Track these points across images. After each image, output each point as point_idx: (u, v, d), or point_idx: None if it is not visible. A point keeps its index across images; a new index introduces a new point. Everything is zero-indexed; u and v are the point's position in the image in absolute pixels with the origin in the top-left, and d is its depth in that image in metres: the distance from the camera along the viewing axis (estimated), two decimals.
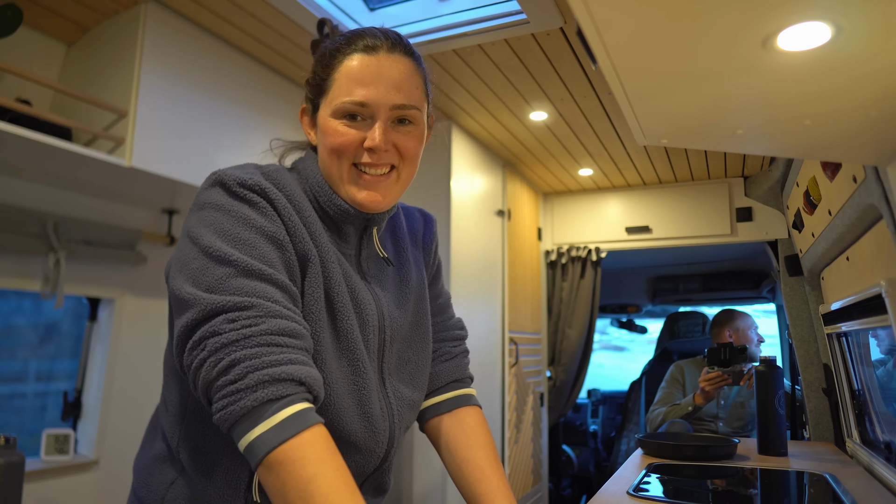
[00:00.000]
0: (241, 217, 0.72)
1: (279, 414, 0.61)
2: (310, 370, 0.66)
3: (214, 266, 0.68)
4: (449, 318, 1.03)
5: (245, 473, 0.75)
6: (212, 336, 0.64)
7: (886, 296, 1.17)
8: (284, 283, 0.70)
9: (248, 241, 0.70)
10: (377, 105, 0.78)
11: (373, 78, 0.78)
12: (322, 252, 0.78)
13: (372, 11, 1.90)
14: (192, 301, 0.65)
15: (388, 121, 0.79)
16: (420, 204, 2.62)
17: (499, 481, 0.88)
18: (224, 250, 0.68)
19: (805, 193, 1.74)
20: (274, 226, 0.73)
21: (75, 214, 1.84)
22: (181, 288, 0.67)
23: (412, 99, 0.80)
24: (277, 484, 0.60)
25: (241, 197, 0.73)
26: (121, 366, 1.96)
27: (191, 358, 0.65)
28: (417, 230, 1.00)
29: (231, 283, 0.66)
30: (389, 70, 0.79)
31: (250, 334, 0.64)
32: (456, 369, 0.99)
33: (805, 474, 1.52)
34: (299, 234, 0.76)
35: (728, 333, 2.71)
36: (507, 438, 2.71)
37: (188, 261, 0.69)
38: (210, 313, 0.65)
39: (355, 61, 0.79)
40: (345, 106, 0.78)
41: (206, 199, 0.74)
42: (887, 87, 0.73)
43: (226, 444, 0.76)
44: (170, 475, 0.78)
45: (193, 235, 0.71)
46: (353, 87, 0.78)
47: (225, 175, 0.74)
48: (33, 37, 1.76)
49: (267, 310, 0.66)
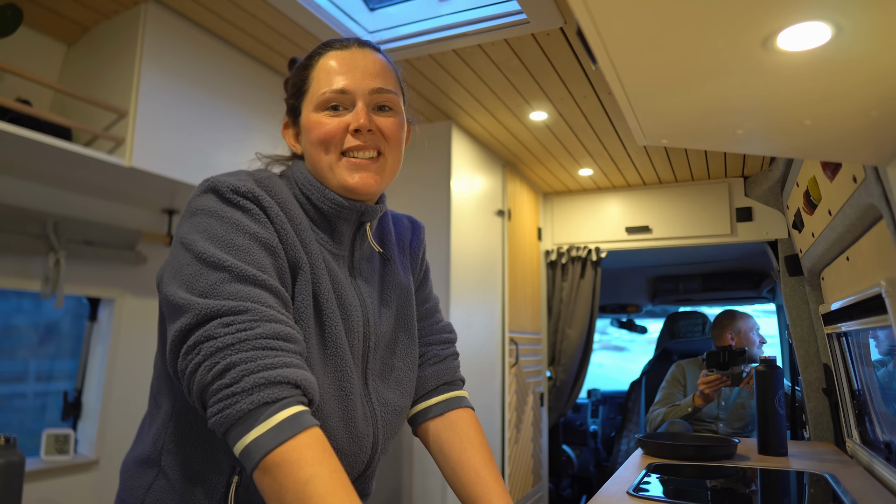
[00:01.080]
0: (235, 223, 0.72)
1: (275, 417, 0.61)
2: (305, 373, 0.66)
3: (208, 271, 0.68)
4: (437, 321, 1.03)
5: (222, 483, 0.76)
6: (206, 340, 0.64)
7: (886, 296, 1.17)
8: (277, 289, 0.71)
9: (241, 247, 0.70)
10: (356, 90, 0.82)
11: (349, 68, 0.83)
12: (312, 259, 0.79)
13: (372, 11, 1.90)
14: (187, 306, 0.65)
15: (368, 105, 0.83)
16: (420, 204, 2.60)
17: (495, 482, 0.88)
18: (218, 256, 0.68)
19: (805, 193, 1.74)
20: (267, 232, 0.74)
21: (75, 214, 1.84)
22: (175, 294, 0.67)
23: (389, 84, 0.85)
24: (274, 486, 0.60)
25: (234, 203, 0.74)
26: (121, 366, 1.96)
27: (185, 363, 0.65)
28: (405, 236, 1.00)
29: (225, 288, 0.67)
30: (363, 60, 0.84)
31: (245, 338, 0.64)
32: (445, 372, 0.99)
33: (805, 474, 1.52)
34: (290, 242, 0.76)
35: (730, 335, 2.70)
36: (507, 438, 2.71)
37: (181, 267, 0.69)
38: (204, 318, 0.65)
39: (331, 58, 0.84)
40: (325, 96, 0.81)
41: (199, 206, 0.74)
42: (888, 87, 0.73)
43: (205, 452, 0.76)
44: (148, 478, 0.79)
45: (187, 242, 0.71)
46: (331, 78, 0.82)
47: (218, 182, 0.75)
48: (33, 37, 1.76)
49: (261, 314, 0.66)
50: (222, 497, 0.75)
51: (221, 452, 0.76)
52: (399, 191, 2.50)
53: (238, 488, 0.75)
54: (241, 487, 0.76)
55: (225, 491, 0.75)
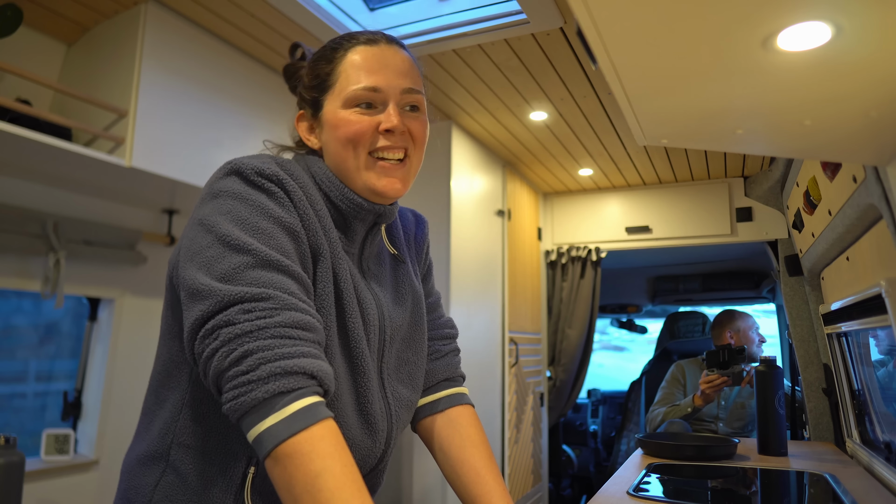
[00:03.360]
0: (259, 206, 0.71)
1: (290, 407, 0.61)
2: (321, 364, 0.66)
3: (231, 254, 0.67)
4: (439, 317, 1.02)
5: (238, 474, 0.74)
6: (225, 326, 0.63)
7: (886, 296, 1.17)
8: (300, 275, 0.70)
9: (265, 231, 0.69)
10: (389, 89, 0.80)
11: (380, 66, 0.81)
12: (332, 247, 0.78)
13: (372, 11, 1.90)
14: (207, 292, 0.64)
15: (399, 105, 0.81)
16: (420, 204, 2.60)
17: (494, 481, 0.88)
18: (242, 239, 0.67)
19: (805, 193, 1.74)
20: (291, 217, 0.73)
21: (75, 214, 1.83)
22: (194, 278, 0.66)
23: (418, 85, 0.83)
24: (285, 477, 0.60)
25: (258, 186, 0.72)
26: (121, 366, 1.96)
27: (202, 346, 0.64)
28: (410, 231, 1.00)
29: (248, 273, 0.66)
30: (393, 58, 0.82)
31: (264, 325, 0.63)
32: (447, 367, 0.99)
33: (805, 474, 1.52)
34: (313, 227, 0.75)
35: (729, 334, 2.71)
36: (507, 438, 2.71)
37: (201, 249, 0.68)
38: (226, 304, 0.64)
39: (358, 53, 0.82)
40: (357, 93, 0.79)
41: (222, 188, 0.72)
42: (888, 88, 0.73)
43: (220, 442, 0.75)
44: (155, 475, 0.77)
45: (209, 223, 0.69)
46: (361, 75, 0.80)
47: (242, 164, 0.73)
48: (33, 37, 1.76)
49: (283, 302, 0.65)
50: (238, 488, 0.74)
51: (237, 443, 0.74)
52: None
53: (255, 479, 0.74)
54: (258, 478, 0.74)
55: (241, 482, 0.74)
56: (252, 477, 0.74)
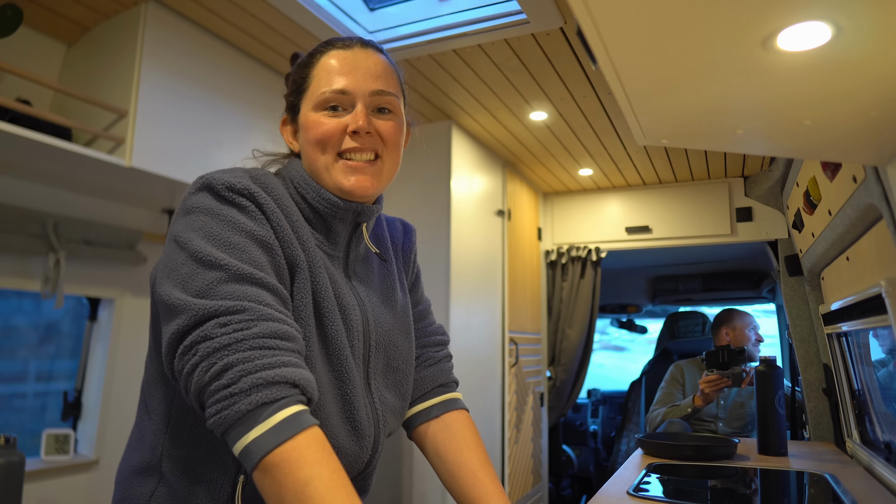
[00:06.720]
0: (230, 221, 0.71)
1: (274, 417, 0.61)
2: (303, 372, 0.66)
3: (204, 271, 0.67)
4: (430, 324, 1.03)
5: (228, 483, 0.74)
6: (203, 341, 0.63)
7: (886, 296, 1.17)
8: (275, 287, 0.70)
9: (237, 245, 0.70)
10: (356, 91, 0.81)
11: (350, 68, 0.82)
12: (310, 257, 0.78)
13: (372, 11, 1.90)
14: (183, 307, 0.64)
15: (368, 107, 0.82)
16: (420, 204, 2.60)
17: (492, 484, 0.88)
18: (213, 255, 0.67)
19: (805, 193, 1.74)
20: (263, 230, 0.73)
21: (75, 214, 1.84)
22: (170, 294, 0.66)
23: (390, 87, 0.84)
24: (274, 487, 0.60)
25: (229, 201, 0.73)
26: (121, 366, 1.96)
27: (182, 363, 0.64)
28: (398, 239, 1.00)
29: (221, 287, 0.66)
30: (365, 61, 0.83)
31: (242, 338, 0.63)
32: (440, 374, 0.99)
33: (805, 474, 1.52)
34: (288, 239, 0.76)
35: (725, 332, 2.71)
36: (507, 438, 2.71)
37: (176, 266, 0.68)
38: (201, 318, 0.64)
39: (332, 57, 0.83)
40: (325, 96, 0.81)
41: (194, 204, 0.73)
42: (888, 87, 0.73)
43: (208, 453, 0.75)
44: (149, 487, 0.77)
45: (181, 240, 0.70)
46: (332, 78, 0.81)
47: (213, 179, 0.74)
48: (33, 37, 1.76)
49: (259, 313, 0.65)
50: (228, 498, 0.74)
51: (225, 452, 0.75)
52: (399, 191, 2.50)
53: (245, 487, 0.74)
54: (248, 486, 0.75)
55: (231, 491, 0.74)
56: (242, 486, 0.74)
